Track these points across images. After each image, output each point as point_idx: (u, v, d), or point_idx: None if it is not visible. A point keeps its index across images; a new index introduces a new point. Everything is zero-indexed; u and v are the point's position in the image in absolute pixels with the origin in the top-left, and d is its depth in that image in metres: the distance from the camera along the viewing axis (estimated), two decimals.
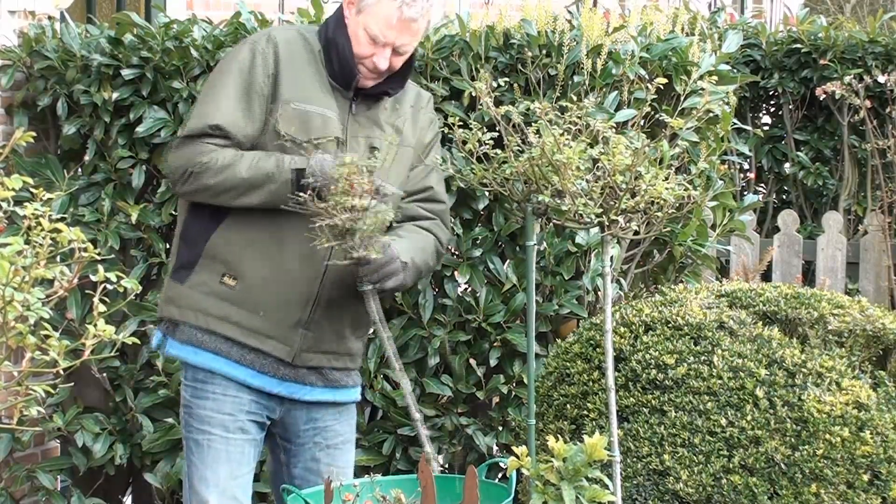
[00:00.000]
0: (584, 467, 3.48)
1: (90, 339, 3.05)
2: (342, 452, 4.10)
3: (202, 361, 3.96)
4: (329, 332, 4.00)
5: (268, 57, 3.92)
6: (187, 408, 4.01)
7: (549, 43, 4.76)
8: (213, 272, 3.94)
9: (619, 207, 3.72)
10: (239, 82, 3.91)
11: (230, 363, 3.96)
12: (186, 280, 3.96)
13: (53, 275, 3.05)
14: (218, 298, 3.93)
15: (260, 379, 3.97)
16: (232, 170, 3.86)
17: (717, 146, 4.99)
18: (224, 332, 3.94)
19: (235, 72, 3.92)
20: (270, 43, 3.94)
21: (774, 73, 8.45)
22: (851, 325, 4.24)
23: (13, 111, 5.31)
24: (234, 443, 3.97)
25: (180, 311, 3.97)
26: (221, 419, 3.96)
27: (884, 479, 3.97)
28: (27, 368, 3.06)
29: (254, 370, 3.96)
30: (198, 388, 3.99)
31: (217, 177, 3.86)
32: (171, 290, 4.01)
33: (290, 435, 4.08)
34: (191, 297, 3.96)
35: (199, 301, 3.94)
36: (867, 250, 8.00)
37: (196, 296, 3.95)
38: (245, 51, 3.95)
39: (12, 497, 5.22)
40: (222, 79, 3.94)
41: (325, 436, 4.07)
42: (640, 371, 4.14)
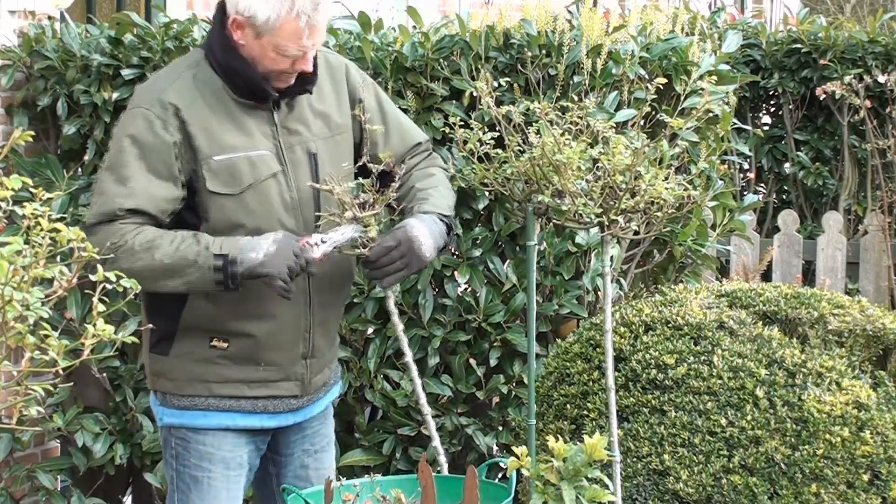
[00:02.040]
0: (584, 467, 3.48)
1: (90, 339, 3.04)
2: (327, 454, 4.04)
3: (214, 423, 3.78)
4: (325, 347, 3.89)
5: (168, 121, 3.64)
6: (182, 441, 3.82)
7: (549, 43, 4.76)
8: (197, 339, 3.74)
9: (619, 207, 3.72)
10: (141, 155, 3.63)
11: (244, 416, 3.80)
12: (170, 351, 3.76)
13: (53, 274, 3.04)
14: (211, 363, 3.75)
15: (276, 419, 3.84)
16: (150, 254, 3.59)
17: (717, 146, 4.99)
18: (229, 392, 3.77)
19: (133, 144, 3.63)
20: (166, 107, 3.64)
21: (774, 73, 8.45)
22: (851, 325, 4.24)
23: (13, 111, 5.32)
24: (233, 479, 3.84)
25: (174, 383, 3.78)
26: (222, 456, 3.81)
27: (884, 479, 3.96)
28: (27, 368, 3.05)
29: (268, 413, 3.82)
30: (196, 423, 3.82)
31: (136, 262, 3.57)
32: (157, 364, 3.79)
33: (280, 447, 3.97)
34: (181, 367, 3.76)
35: (192, 370, 3.75)
36: (867, 250, 8.00)
37: (187, 365, 3.75)
38: (139, 120, 3.65)
39: (12, 497, 5.22)
40: (122, 152, 3.65)
41: (313, 441, 3.99)
42: (640, 371, 4.14)
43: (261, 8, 3.60)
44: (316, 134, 3.81)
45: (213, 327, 3.74)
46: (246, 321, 3.74)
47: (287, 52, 3.65)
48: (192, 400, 3.78)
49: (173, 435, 3.84)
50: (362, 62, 4.89)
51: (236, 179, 3.68)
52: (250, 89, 3.70)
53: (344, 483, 3.62)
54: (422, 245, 3.72)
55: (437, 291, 4.90)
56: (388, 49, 4.90)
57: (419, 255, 3.71)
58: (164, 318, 3.75)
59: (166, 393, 3.81)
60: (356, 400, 4.96)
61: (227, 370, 3.76)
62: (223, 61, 3.69)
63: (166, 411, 3.83)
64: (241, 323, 3.74)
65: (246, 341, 3.75)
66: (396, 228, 3.74)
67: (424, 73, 4.85)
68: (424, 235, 3.73)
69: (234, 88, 3.70)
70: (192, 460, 3.82)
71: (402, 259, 3.71)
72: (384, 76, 4.87)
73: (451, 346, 4.89)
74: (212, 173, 3.66)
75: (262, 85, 3.69)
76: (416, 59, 4.86)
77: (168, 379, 3.79)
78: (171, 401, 3.81)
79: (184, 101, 3.67)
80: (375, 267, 3.72)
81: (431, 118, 4.81)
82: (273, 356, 3.78)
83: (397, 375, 4.90)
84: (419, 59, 4.85)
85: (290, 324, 3.78)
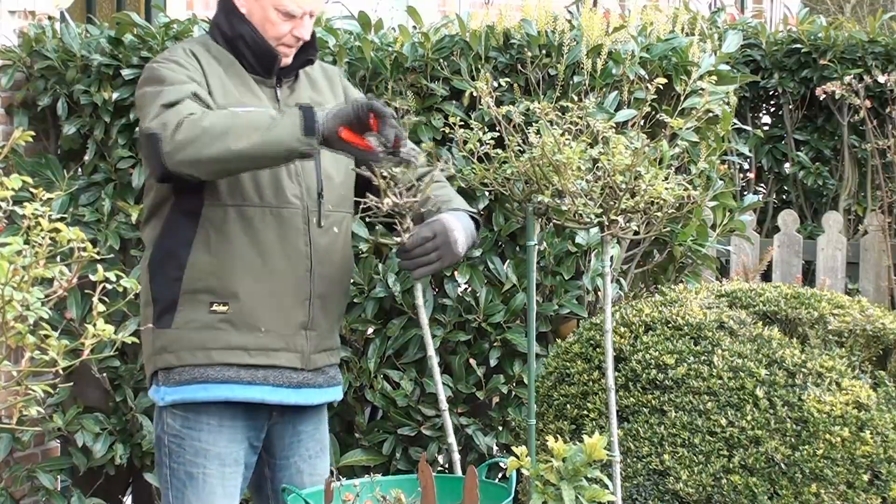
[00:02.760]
0: (584, 467, 3.48)
1: (90, 339, 3.04)
2: (322, 461, 4.02)
3: (213, 395, 3.78)
4: (325, 328, 3.89)
5: (192, 62, 3.75)
6: (177, 438, 3.82)
7: (549, 43, 4.76)
8: (198, 304, 3.75)
9: (619, 207, 3.72)
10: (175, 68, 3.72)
11: (244, 386, 3.79)
12: (172, 323, 3.77)
13: (53, 274, 3.04)
14: (213, 329, 3.75)
15: (277, 393, 3.82)
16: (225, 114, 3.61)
17: (717, 146, 4.99)
18: (229, 360, 3.76)
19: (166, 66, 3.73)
20: (188, 53, 3.78)
21: (774, 73, 8.45)
22: (851, 325, 4.24)
23: (13, 111, 5.32)
24: (229, 476, 3.83)
25: (176, 355, 3.77)
26: (218, 452, 3.81)
27: (884, 479, 3.96)
28: (27, 368, 3.05)
29: (270, 385, 3.81)
30: (189, 419, 3.81)
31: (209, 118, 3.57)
32: (160, 340, 3.79)
33: (276, 450, 3.96)
34: (183, 337, 3.76)
35: (193, 338, 3.76)
36: (867, 250, 8.00)
37: (189, 334, 3.76)
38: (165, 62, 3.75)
39: (12, 497, 5.22)
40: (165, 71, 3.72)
41: (308, 446, 3.98)
42: (640, 371, 4.14)
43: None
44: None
45: (214, 286, 3.74)
46: (247, 276, 3.75)
47: (292, 12, 3.75)
48: (193, 371, 3.78)
49: (167, 433, 3.84)
50: (362, 62, 4.89)
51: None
52: (257, 54, 3.80)
53: (344, 483, 3.62)
54: (457, 239, 3.72)
55: (437, 291, 4.90)
56: (388, 49, 4.91)
57: (454, 249, 3.71)
58: (166, 285, 3.77)
59: (168, 368, 3.80)
60: (356, 400, 4.96)
61: (228, 335, 3.76)
62: (231, 31, 3.81)
63: (167, 390, 3.81)
64: (242, 279, 3.74)
65: (245, 302, 3.75)
66: (433, 221, 3.72)
67: (424, 73, 4.85)
68: (459, 230, 3.74)
69: (242, 59, 3.81)
70: (187, 457, 3.81)
71: (437, 252, 3.70)
72: (384, 76, 4.87)
73: (451, 346, 4.89)
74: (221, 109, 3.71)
75: (269, 46, 3.78)
76: (416, 59, 4.86)
77: (170, 352, 3.78)
78: (172, 376, 3.80)
79: (202, 56, 3.79)
80: (410, 257, 3.70)
81: (431, 118, 4.82)
82: (273, 320, 3.78)
83: (397, 375, 4.90)
84: (419, 59, 4.85)
85: (290, 286, 3.79)
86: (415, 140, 4.65)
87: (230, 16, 3.83)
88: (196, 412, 3.81)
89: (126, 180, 5.15)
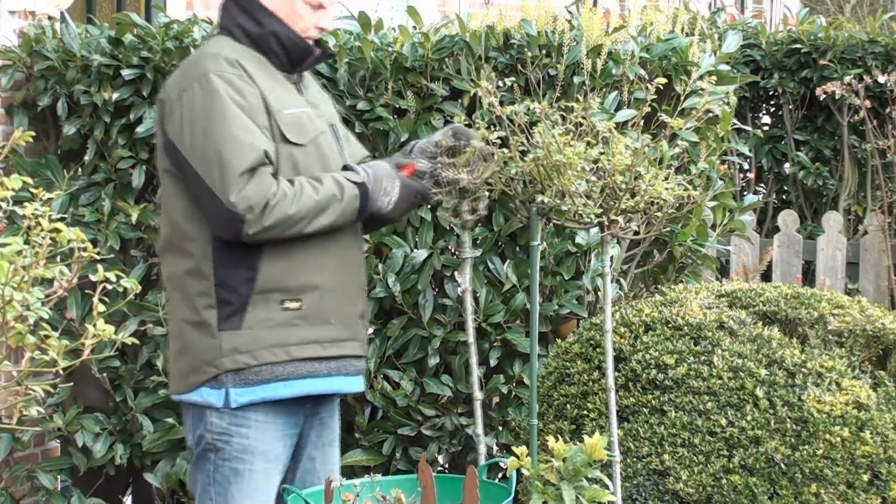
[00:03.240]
0: (584, 467, 3.48)
1: (90, 339, 3.05)
2: (334, 450, 4.07)
3: (295, 391, 3.83)
4: (364, 317, 4.02)
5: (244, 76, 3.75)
6: (223, 435, 3.82)
7: (549, 43, 4.76)
8: (270, 303, 3.79)
9: (619, 207, 3.72)
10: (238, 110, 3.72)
11: (322, 379, 3.86)
12: (242, 324, 3.78)
13: (53, 274, 3.05)
14: (288, 325, 3.80)
15: (348, 382, 3.92)
16: (302, 194, 3.72)
17: (717, 146, 4.98)
18: (307, 354, 3.82)
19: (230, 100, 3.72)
20: (234, 64, 3.76)
21: (774, 73, 8.45)
22: (851, 325, 4.24)
23: (13, 111, 5.32)
24: (270, 473, 3.87)
25: (252, 354, 3.78)
26: (263, 449, 3.85)
27: (884, 479, 3.97)
28: (27, 368, 3.06)
29: (342, 376, 3.90)
30: (237, 416, 3.82)
31: (294, 204, 3.71)
32: (230, 342, 3.77)
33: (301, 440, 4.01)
34: (258, 337, 3.78)
35: (270, 337, 3.78)
36: (867, 250, 7.99)
37: (265, 333, 3.78)
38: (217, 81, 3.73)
39: (12, 497, 5.22)
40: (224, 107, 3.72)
41: (321, 432, 4.01)
42: (640, 371, 4.14)
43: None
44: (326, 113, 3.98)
45: (287, 284, 3.80)
46: (315, 273, 3.83)
47: (321, 3, 3.83)
48: (273, 370, 3.81)
49: (211, 431, 3.84)
50: (362, 62, 4.89)
51: (303, 132, 3.81)
52: (291, 50, 3.85)
53: (344, 483, 3.62)
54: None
55: (437, 291, 4.90)
56: (388, 49, 4.91)
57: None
58: (237, 287, 3.78)
59: (242, 369, 3.80)
60: (356, 400, 4.95)
61: (303, 331, 3.82)
62: (259, 28, 3.83)
63: (240, 391, 3.81)
64: (311, 275, 3.82)
65: (316, 295, 3.83)
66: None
67: (424, 74, 4.85)
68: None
69: (271, 57, 3.84)
70: (234, 453, 3.83)
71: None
72: (384, 76, 4.87)
73: (451, 346, 4.89)
74: (285, 125, 3.77)
75: (303, 41, 3.84)
76: (416, 59, 4.86)
77: (244, 352, 3.79)
78: (247, 376, 3.80)
79: (248, 63, 3.79)
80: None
81: (431, 118, 4.81)
82: (340, 311, 3.87)
83: (397, 375, 4.90)
84: (419, 59, 4.85)
85: (352, 277, 3.92)
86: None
87: (255, 13, 3.83)
88: (244, 409, 3.84)
89: (126, 180, 5.15)
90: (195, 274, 3.79)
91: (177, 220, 3.82)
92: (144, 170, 5.12)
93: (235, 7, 3.87)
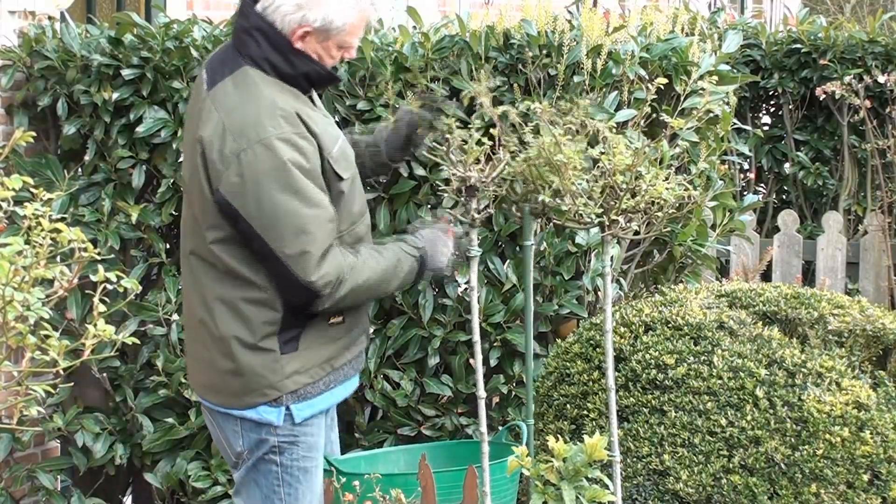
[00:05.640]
0: (584, 467, 3.49)
1: (90, 339, 3.05)
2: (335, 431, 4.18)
3: (338, 398, 3.99)
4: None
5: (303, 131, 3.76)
6: (290, 436, 3.88)
7: (549, 43, 4.76)
8: (320, 322, 3.87)
9: (620, 207, 3.72)
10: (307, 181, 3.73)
11: (351, 380, 4.02)
12: (300, 345, 3.86)
13: (53, 275, 3.05)
14: (334, 340, 3.91)
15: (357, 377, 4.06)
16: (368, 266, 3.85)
17: (717, 146, 4.98)
18: (342, 361, 3.95)
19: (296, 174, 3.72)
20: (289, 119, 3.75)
21: (774, 73, 8.45)
22: (851, 325, 4.24)
23: (13, 111, 5.31)
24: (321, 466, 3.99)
25: (308, 373, 3.88)
26: (321, 442, 3.96)
27: (884, 479, 3.97)
28: (27, 368, 3.06)
29: (355, 371, 4.03)
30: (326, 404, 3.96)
31: (362, 274, 3.82)
32: (291, 364, 3.85)
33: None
34: (311, 356, 3.88)
35: (322, 353, 3.89)
36: (867, 250, 8.00)
37: (316, 351, 3.88)
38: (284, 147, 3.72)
39: (12, 497, 5.22)
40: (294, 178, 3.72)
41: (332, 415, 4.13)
42: (640, 371, 4.14)
43: (337, 15, 3.81)
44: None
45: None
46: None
47: (349, 45, 3.89)
48: (319, 385, 3.90)
49: (275, 434, 3.88)
50: (362, 62, 4.89)
51: (349, 163, 3.90)
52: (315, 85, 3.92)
53: (344, 483, 3.63)
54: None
55: (437, 291, 4.90)
56: (388, 49, 4.90)
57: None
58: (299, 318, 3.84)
59: (299, 388, 3.87)
60: (356, 400, 4.96)
61: (343, 342, 3.94)
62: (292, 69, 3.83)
63: (301, 407, 3.88)
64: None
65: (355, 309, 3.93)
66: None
67: (424, 74, 4.85)
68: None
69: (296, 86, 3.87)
70: (301, 452, 3.90)
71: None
72: (384, 76, 4.87)
73: (451, 346, 4.89)
74: (336, 162, 3.82)
75: (333, 76, 3.93)
76: (416, 59, 4.85)
77: (301, 372, 3.87)
78: (305, 394, 3.88)
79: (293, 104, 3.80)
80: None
81: None
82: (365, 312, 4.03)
83: (397, 375, 4.90)
84: (419, 59, 4.85)
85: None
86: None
87: (287, 54, 3.83)
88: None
89: (126, 180, 5.15)
90: (262, 305, 3.82)
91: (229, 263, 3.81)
92: (144, 170, 5.12)
93: (266, 41, 3.83)
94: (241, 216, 3.71)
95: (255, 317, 3.80)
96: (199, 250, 3.84)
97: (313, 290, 3.74)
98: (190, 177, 3.82)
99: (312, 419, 3.90)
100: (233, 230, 3.76)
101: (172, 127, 5.03)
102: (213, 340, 3.85)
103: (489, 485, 3.66)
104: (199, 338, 3.89)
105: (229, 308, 3.81)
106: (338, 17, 3.80)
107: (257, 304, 3.80)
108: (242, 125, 3.73)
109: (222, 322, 3.82)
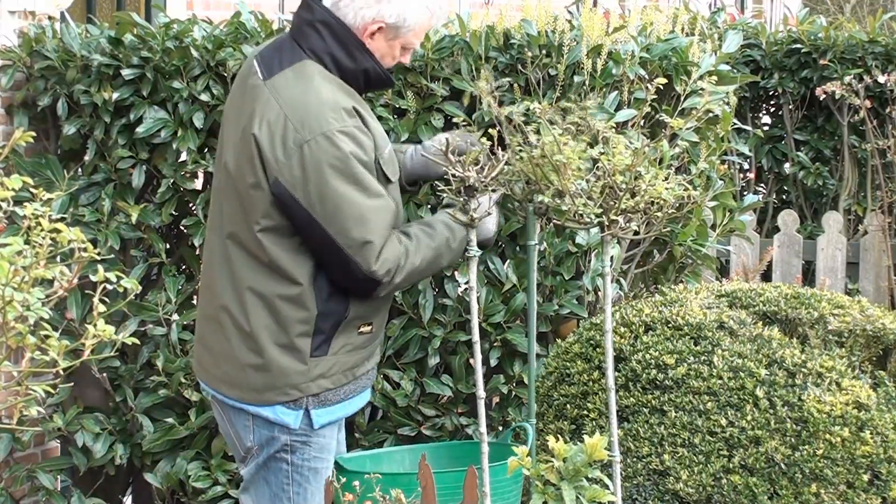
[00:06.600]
0: (584, 467, 3.48)
1: (90, 339, 3.05)
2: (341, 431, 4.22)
3: (359, 404, 4.05)
4: None
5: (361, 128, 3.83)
6: (302, 436, 3.93)
7: (549, 43, 4.76)
8: (351, 329, 3.92)
9: (619, 207, 3.72)
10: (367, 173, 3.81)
11: (368, 389, 4.07)
12: (329, 350, 3.90)
13: (53, 275, 3.04)
14: (360, 349, 3.96)
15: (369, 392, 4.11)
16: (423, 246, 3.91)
17: (717, 146, 4.98)
18: (363, 370, 4.00)
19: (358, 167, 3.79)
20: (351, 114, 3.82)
21: (774, 73, 8.45)
22: (851, 325, 4.24)
23: (13, 111, 5.31)
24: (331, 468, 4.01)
25: (331, 379, 3.92)
26: (333, 445, 4.00)
27: (884, 479, 3.97)
28: (27, 368, 3.06)
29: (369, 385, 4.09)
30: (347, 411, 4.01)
31: (417, 256, 3.88)
32: (317, 368, 3.89)
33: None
34: (338, 362, 3.92)
35: (348, 360, 3.94)
36: (867, 250, 8.00)
37: (344, 358, 3.93)
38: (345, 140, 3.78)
39: (12, 497, 5.22)
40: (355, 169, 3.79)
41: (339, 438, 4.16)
42: (640, 371, 4.14)
43: (411, 13, 3.90)
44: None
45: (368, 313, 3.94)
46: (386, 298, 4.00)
47: (412, 46, 3.99)
48: (340, 392, 3.94)
49: (288, 434, 3.91)
50: None
51: (395, 168, 3.97)
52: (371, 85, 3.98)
53: (344, 483, 3.63)
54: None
55: (437, 291, 4.90)
56: None
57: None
58: (334, 317, 3.88)
59: (322, 392, 3.91)
60: None
61: (367, 351, 3.98)
62: (354, 64, 3.90)
63: (321, 412, 3.92)
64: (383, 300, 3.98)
65: (381, 317, 4.00)
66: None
67: (424, 73, 4.85)
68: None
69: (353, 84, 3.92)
70: (313, 453, 3.94)
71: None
72: None
73: (451, 346, 4.89)
74: (386, 165, 3.89)
75: (390, 78, 4.01)
76: (416, 59, 4.85)
77: (326, 377, 3.90)
78: (326, 399, 3.92)
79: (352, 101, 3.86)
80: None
81: (432, 118, 4.81)
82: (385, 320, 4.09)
83: (397, 375, 4.90)
84: (419, 59, 4.85)
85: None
86: (415, 141, 4.66)
87: (351, 48, 3.88)
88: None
89: (126, 180, 5.15)
90: (296, 302, 3.84)
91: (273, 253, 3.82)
92: (144, 170, 5.12)
93: (330, 35, 3.88)
94: (301, 207, 3.75)
95: (288, 314, 3.82)
96: (241, 236, 3.85)
97: (375, 279, 3.81)
98: (238, 167, 3.82)
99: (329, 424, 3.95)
100: (282, 220, 3.78)
101: (172, 127, 5.03)
102: (239, 332, 3.85)
103: (489, 485, 3.65)
104: (219, 328, 3.89)
105: (263, 302, 3.82)
106: (411, 16, 3.89)
107: (292, 302, 3.82)
108: (304, 116, 3.78)
109: (254, 315, 3.83)
